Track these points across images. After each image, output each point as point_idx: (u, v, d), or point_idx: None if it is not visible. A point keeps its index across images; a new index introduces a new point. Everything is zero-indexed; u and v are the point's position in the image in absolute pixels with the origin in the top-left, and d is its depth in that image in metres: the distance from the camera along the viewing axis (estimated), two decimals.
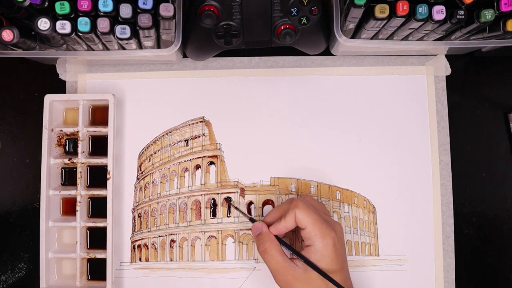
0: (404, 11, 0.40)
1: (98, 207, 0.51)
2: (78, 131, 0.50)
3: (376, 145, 0.53)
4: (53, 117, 0.50)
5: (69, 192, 0.50)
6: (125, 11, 0.40)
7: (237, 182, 0.52)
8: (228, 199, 0.52)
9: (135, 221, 0.52)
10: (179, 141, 0.53)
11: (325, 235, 0.42)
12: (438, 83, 0.53)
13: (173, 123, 0.53)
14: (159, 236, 0.52)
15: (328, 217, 0.45)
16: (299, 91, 0.53)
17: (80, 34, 0.41)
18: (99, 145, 0.51)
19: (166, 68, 0.53)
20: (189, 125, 0.53)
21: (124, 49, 0.46)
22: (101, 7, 0.40)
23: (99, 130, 0.50)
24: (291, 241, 0.51)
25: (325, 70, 0.53)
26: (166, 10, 0.40)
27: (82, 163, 0.50)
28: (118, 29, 0.41)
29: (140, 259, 0.52)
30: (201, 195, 0.52)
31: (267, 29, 0.45)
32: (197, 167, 0.53)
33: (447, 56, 0.53)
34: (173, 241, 0.52)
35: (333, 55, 0.53)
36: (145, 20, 0.40)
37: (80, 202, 0.50)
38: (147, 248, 0.52)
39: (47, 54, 0.46)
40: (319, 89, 0.53)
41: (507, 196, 0.53)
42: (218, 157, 0.52)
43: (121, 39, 0.41)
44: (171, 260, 0.51)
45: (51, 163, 0.50)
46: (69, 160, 0.50)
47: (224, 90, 0.53)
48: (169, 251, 0.52)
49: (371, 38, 0.47)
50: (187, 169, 0.53)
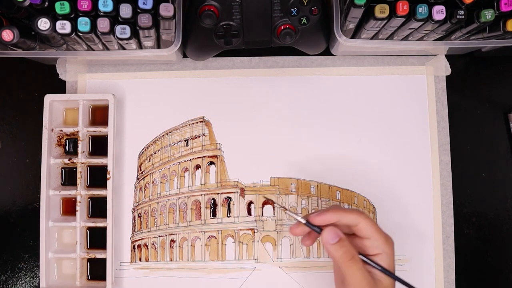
0: (404, 11, 0.40)
1: (98, 207, 0.51)
2: (78, 131, 0.50)
3: (376, 145, 0.53)
4: (53, 117, 0.50)
5: (69, 192, 0.50)
6: (125, 11, 0.40)
7: (237, 182, 0.52)
8: (270, 201, 0.51)
9: (135, 221, 0.52)
10: (179, 141, 0.53)
11: (389, 241, 0.42)
12: (438, 83, 0.53)
13: (173, 123, 0.53)
14: (159, 236, 0.52)
15: None
16: (299, 91, 0.53)
17: (80, 34, 0.41)
18: (99, 145, 0.51)
19: (166, 68, 0.53)
20: (189, 125, 0.53)
21: (124, 49, 0.46)
22: (101, 7, 0.40)
23: (99, 130, 0.50)
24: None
25: (325, 70, 0.53)
26: (166, 10, 0.40)
27: (82, 163, 0.50)
28: (118, 29, 0.41)
29: (140, 259, 0.52)
30: (201, 195, 0.52)
31: (267, 29, 0.45)
32: (197, 167, 0.53)
33: (447, 56, 0.53)
34: (173, 241, 0.52)
35: (333, 55, 0.53)
36: (145, 20, 0.40)
37: (80, 202, 0.50)
38: (147, 248, 0.52)
39: (47, 54, 0.46)
40: (319, 89, 0.53)
41: (507, 196, 0.53)
42: (218, 157, 0.52)
43: (121, 39, 0.41)
44: (171, 260, 0.51)
45: (51, 163, 0.50)
46: (69, 160, 0.50)
47: (224, 90, 0.53)
48: (169, 251, 0.52)
49: (371, 38, 0.47)
50: (187, 169, 0.53)
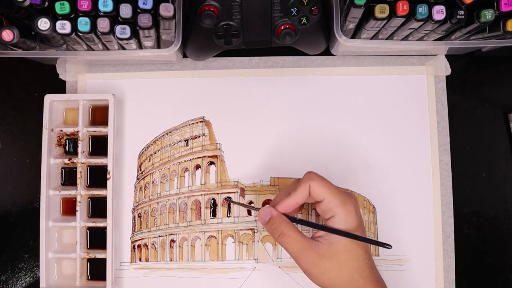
0: (404, 11, 0.40)
1: (98, 207, 0.51)
2: (78, 131, 0.50)
3: (376, 145, 0.53)
4: (53, 117, 0.50)
5: (69, 192, 0.50)
6: (125, 11, 0.40)
7: (237, 182, 0.52)
8: (228, 199, 0.52)
9: (135, 221, 0.52)
10: (179, 141, 0.53)
11: (346, 202, 0.40)
12: (438, 83, 0.53)
13: (173, 123, 0.53)
14: (159, 236, 0.52)
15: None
16: (299, 91, 0.53)
17: (80, 34, 0.41)
18: (99, 145, 0.51)
19: (166, 68, 0.53)
20: (189, 125, 0.53)
21: (124, 49, 0.46)
22: (101, 7, 0.40)
23: (99, 130, 0.50)
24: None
25: (325, 70, 0.53)
26: (166, 10, 0.40)
27: (82, 163, 0.50)
28: (118, 29, 0.41)
29: (140, 259, 0.52)
30: (201, 195, 0.52)
31: (267, 29, 0.45)
32: (197, 167, 0.53)
33: (447, 56, 0.53)
34: (173, 241, 0.52)
35: (333, 55, 0.53)
36: (145, 20, 0.40)
37: (80, 202, 0.50)
38: (147, 248, 0.52)
39: (47, 54, 0.46)
40: (319, 89, 0.53)
41: (507, 196, 0.53)
42: (218, 157, 0.52)
43: (121, 39, 0.41)
44: (171, 260, 0.51)
45: (51, 163, 0.50)
46: (69, 160, 0.50)
47: (224, 90, 0.53)
48: (169, 251, 0.52)
49: (371, 38, 0.47)
50: (187, 169, 0.53)
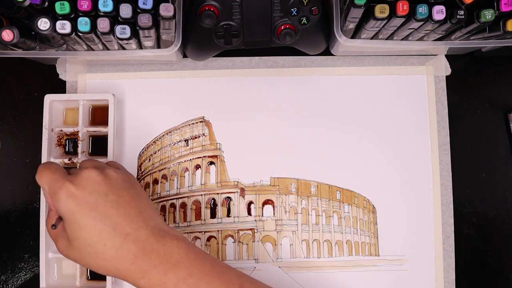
0: (404, 11, 0.40)
1: None
2: (78, 131, 0.50)
3: (376, 145, 0.53)
4: (53, 117, 0.50)
5: None
6: (125, 11, 0.40)
7: (237, 182, 0.52)
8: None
9: None
10: (179, 141, 0.53)
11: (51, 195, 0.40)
12: (438, 83, 0.53)
13: (173, 123, 0.53)
14: None
15: None
16: (299, 91, 0.53)
17: (80, 34, 0.41)
18: (99, 145, 0.51)
19: (166, 68, 0.53)
20: (189, 125, 0.53)
21: (124, 49, 0.46)
22: (101, 7, 0.40)
23: (99, 130, 0.50)
24: None
25: (325, 70, 0.53)
26: (166, 10, 0.40)
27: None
28: (118, 29, 0.41)
29: None
30: (201, 195, 0.52)
31: (267, 29, 0.45)
32: (197, 167, 0.53)
33: (447, 56, 0.53)
34: None
35: (333, 55, 0.53)
36: (145, 20, 0.40)
37: None
38: None
39: (47, 54, 0.46)
40: (319, 89, 0.53)
41: (507, 196, 0.53)
42: (218, 157, 0.52)
43: (121, 39, 0.41)
44: None
45: None
46: (69, 160, 0.50)
47: (224, 90, 0.53)
48: None
49: (371, 38, 0.47)
50: (187, 169, 0.53)
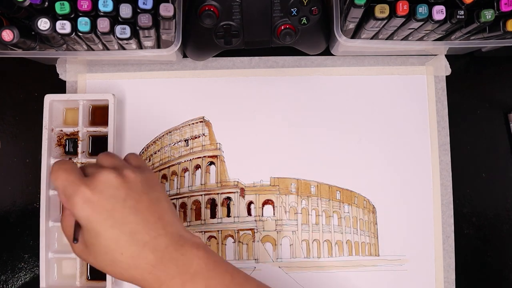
0: (404, 11, 0.40)
1: None
2: (78, 131, 0.50)
3: (376, 145, 0.53)
4: (53, 117, 0.50)
5: None
6: (125, 11, 0.40)
7: (237, 182, 0.52)
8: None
9: None
10: (179, 141, 0.53)
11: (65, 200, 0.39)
12: (438, 83, 0.53)
13: (173, 123, 0.53)
14: None
15: None
16: (299, 91, 0.53)
17: (80, 34, 0.41)
18: (99, 145, 0.51)
19: (166, 68, 0.53)
20: (189, 125, 0.53)
21: (124, 49, 0.46)
22: (101, 7, 0.40)
23: (99, 130, 0.50)
24: None
25: (325, 70, 0.53)
26: (166, 10, 0.40)
27: (82, 163, 0.50)
28: (118, 29, 0.41)
29: None
30: (201, 195, 0.52)
31: (267, 29, 0.45)
32: (197, 167, 0.53)
33: (447, 56, 0.53)
34: None
35: (333, 55, 0.53)
36: (145, 20, 0.40)
37: None
38: None
39: (47, 54, 0.46)
40: (319, 89, 0.53)
41: (507, 196, 0.53)
42: (218, 157, 0.52)
43: (121, 39, 0.41)
44: None
45: (51, 163, 0.50)
46: (69, 160, 0.50)
47: (224, 90, 0.53)
48: None
49: (371, 38, 0.47)
50: (187, 169, 0.53)
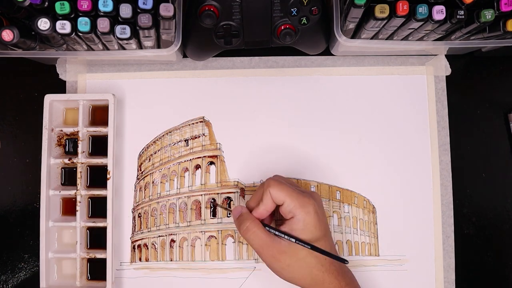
0: (404, 11, 0.40)
1: (98, 207, 0.51)
2: (78, 131, 0.50)
3: (376, 145, 0.53)
4: (53, 117, 0.50)
5: (69, 192, 0.50)
6: (125, 11, 0.40)
7: (237, 182, 0.52)
8: (212, 202, 0.52)
9: (135, 221, 0.52)
10: (179, 141, 0.53)
11: (305, 204, 0.42)
12: (438, 83, 0.53)
13: (173, 123, 0.53)
14: (159, 236, 0.52)
15: (302, 189, 0.45)
16: (299, 91, 0.53)
17: (80, 34, 0.41)
18: (99, 145, 0.51)
19: (166, 68, 0.53)
20: (189, 125, 0.53)
21: (124, 49, 0.46)
22: (101, 7, 0.40)
23: (99, 130, 0.50)
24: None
25: (325, 70, 0.53)
26: (166, 10, 0.40)
27: (82, 163, 0.50)
28: (118, 29, 0.41)
29: (140, 259, 0.52)
30: (201, 195, 0.52)
31: (267, 29, 0.45)
32: (197, 167, 0.53)
33: (447, 56, 0.53)
34: (173, 241, 0.52)
35: (333, 55, 0.53)
36: (145, 20, 0.40)
37: (80, 202, 0.50)
38: (147, 248, 0.52)
39: (47, 54, 0.46)
40: (319, 89, 0.53)
41: (507, 196, 0.53)
42: (218, 157, 0.52)
43: (121, 39, 0.41)
44: (171, 260, 0.51)
45: (51, 163, 0.50)
46: (69, 160, 0.50)
47: (224, 90, 0.53)
48: (169, 251, 0.52)
49: (371, 38, 0.47)
50: (187, 169, 0.53)
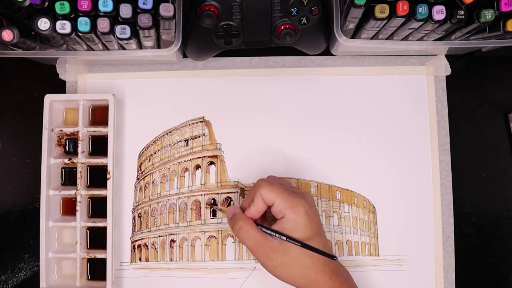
0: (404, 11, 0.40)
1: (98, 207, 0.51)
2: (78, 131, 0.50)
3: (376, 145, 0.53)
4: (53, 117, 0.50)
5: (69, 192, 0.50)
6: (125, 11, 0.40)
7: (237, 182, 0.52)
8: (210, 202, 0.52)
9: (135, 221, 0.52)
10: (179, 141, 0.53)
11: (295, 204, 0.42)
12: (438, 83, 0.53)
13: (173, 123, 0.53)
14: (159, 236, 0.52)
15: (294, 189, 0.46)
16: (299, 91, 0.53)
17: (80, 34, 0.41)
18: (99, 145, 0.51)
19: (166, 68, 0.53)
20: (189, 125, 0.53)
21: (124, 49, 0.46)
22: (101, 7, 0.40)
23: (99, 130, 0.50)
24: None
25: (325, 70, 0.53)
26: (166, 10, 0.40)
27: (82, 163, 0.50)
28: (118, 29, 0.41)
29: (140, 259, 0.52)
30: (201, 195, 0.52)
31: (267, 29, 0.45)
32: (197, 167, 0.53)
33: (447, 56, 0.53)
34: (173, 241, 0.52)
35: (333, 55, 0.53)
36: (145, 20, 0.40)
37: (80, 202, 0.50)
38: (147, 248, 0.52)
39: (47, 54, 0.46)
40: (319, 89, 0.53)
41: (507, 196, 0.53)
42: (218, 157, 0.52)
43: (121, 39, 0.41)
44: (171, 260, 0.51)
45: (51, 163, 0.50)
46: (69, 160, 0.50)
47: (224, 90, 0.53)
48: (169, 251, 0.52)
49: (371, 38, 0.47)
50: (187, 169, 0.53)
